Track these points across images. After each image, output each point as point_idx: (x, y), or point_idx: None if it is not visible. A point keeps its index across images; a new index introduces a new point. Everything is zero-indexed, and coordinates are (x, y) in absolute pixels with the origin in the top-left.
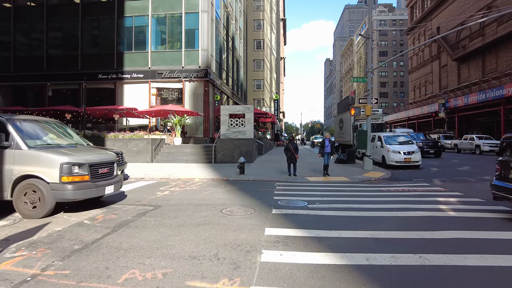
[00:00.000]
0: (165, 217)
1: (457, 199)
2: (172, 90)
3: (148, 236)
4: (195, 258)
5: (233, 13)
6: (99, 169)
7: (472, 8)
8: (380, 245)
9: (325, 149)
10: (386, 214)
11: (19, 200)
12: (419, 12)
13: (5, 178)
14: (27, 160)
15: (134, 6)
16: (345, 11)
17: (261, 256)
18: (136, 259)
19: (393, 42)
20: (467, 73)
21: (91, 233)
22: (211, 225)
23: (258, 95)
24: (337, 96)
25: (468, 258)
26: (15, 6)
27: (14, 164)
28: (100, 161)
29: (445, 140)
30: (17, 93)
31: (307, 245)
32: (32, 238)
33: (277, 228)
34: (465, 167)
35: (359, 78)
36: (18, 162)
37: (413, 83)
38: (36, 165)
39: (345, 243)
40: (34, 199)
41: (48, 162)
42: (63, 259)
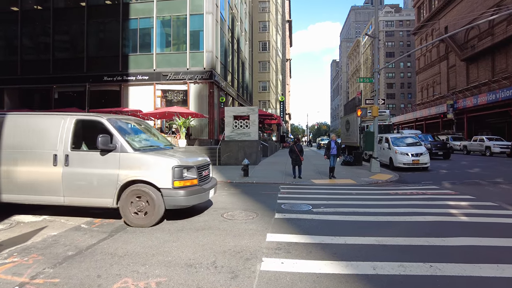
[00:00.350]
0: (164, 221)
1: (468, 203)
2: (177, 92)
3: (145, 241)
4: (191, 266)
5: (238, 15)
6: (202, 171)
7: (480, 8)
8: (388, 253)
9: (331, 151)
10: (394, 219)
11: (126, 207)
12: (426, 12)
13: (110, 184)
14: (134, 164)
15: (139, 8)
16: (351, 12)
17: (261, 264)
18: (130, 266)
19: (400, 43)
20: (476, 73)
21: (86, 238)
22: (211, 230)
23: (264, 97)
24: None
25: (484, 268)
26: (22, 10)
27: (120, 168)
28: (202, 163)
29: (454, 141)
30: (24, 96)
31: (310, 252)
32: (26, 243)
33: (279, 233)
34: (475, 169)
35: (365, 78)
36: (124, 166)
37: (420, 84)
38: (145, 169)
39: (350, 250)
40: (143, 207)
41: (158, 166)
42: (54, 266)
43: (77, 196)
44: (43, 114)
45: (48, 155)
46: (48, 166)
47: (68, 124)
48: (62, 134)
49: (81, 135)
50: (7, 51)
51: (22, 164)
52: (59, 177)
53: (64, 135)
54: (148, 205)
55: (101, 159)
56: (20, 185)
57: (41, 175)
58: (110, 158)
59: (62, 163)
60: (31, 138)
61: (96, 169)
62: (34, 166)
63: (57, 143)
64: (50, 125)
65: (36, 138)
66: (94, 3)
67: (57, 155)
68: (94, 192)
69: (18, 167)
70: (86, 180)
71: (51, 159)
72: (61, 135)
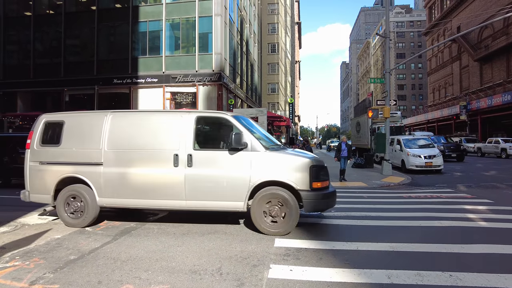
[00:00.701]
0: (169, 224)
1: (486, 207)
2: (186, 94)
3: (149, 246)
4: (196, 272)
5: (247, 17)
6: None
7: (494, 6)
8: (403, 260)
9: (341, 153)
10: (408, 224)
11: (258, 212)
12: (438, 13)
13: (240, 186)
14: (267, 164)
15: (149, 11)
16: (361, 14)
17: (268, 271)
18: (132, 272)
19: (411, 44)
20: (490, 73)
21: (90, 241)
22: (217, 234)
23: (273, 99)
24: (353, 99)
25: (510, 279)
26: (35, 15)
27: (251, 169)
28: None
29: (467, 143)
30: (37, 99)
31: (320, 259)
32: (29, 246)
33: (288, 238)
34: (491, 171)
35: (376, 79)
36: (256, 166)
37: (432, 85)
38: (279, 170)
39: (363, 257)
40: (277, 211)
41: (294, 166)
42: (55, 271)
43: (201, 199)
44: (159, 111)
45: (167, 155)
46: (168, 168)
47: (188, 122)
48: (182, 132)
49: (202, 133)
50: (20, 55)
51: (139, 166)
52: (181, 179)
53: (185, 133)
54: (281, 209)
55: (229, 159)
56: (136, 188)
57: (160, 177)
58: (240, 158)
59: (184, 164)
60: (148, 137)
61: (224, 170)
62: (152, 168)
63: (178, 142)
64: (168, 122)
65: (154, 137)
66: (105, 7)
67: (178, 155)
68: (221, 195)
69: (134, 169)
70: (212, 182)
71: (171, 159)
72: (182, 133)
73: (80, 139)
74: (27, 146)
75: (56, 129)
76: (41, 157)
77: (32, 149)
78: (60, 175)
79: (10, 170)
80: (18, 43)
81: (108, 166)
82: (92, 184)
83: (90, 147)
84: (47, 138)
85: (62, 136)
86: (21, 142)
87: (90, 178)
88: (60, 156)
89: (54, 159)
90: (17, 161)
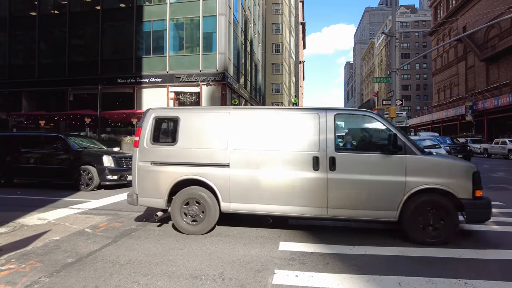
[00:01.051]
0: (171, 226)
1: (497, 210)
2: (190, 94)
3: (149, 248)
4: (196, 277)
5: (251, 17)
6: None
7: (501, 6)
8: (414, 265)
9: None
10: None
11: (414, 223)
12: (443, 12)
13: (393, 193)
14: (424, 169)
15: (153, 11)
16: (366, 14)
17: (273, 277)
18: (131, 276)
19: (416, 44)
20: (497, 73)
21: (89, 243)
22: (220, 236)
23: (277, 99)
24: (358, 100)
25: None
26: (40, 15)
27: (407, 174)
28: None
29: (473, 144)
30: (41, 98)
31: (327, 264)
32: (26, 248)
33: (293, 242)
34: (499, 173)
35: (382, 78)
36: (413, 171)
37: (437, 85)
38: (440, 176)
39: (372, 262)
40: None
41: (456, 172)
42: (51, 275)
43: (346, 208)
44: (291, 108)
45: (305, 158)
46: (306, 171)
47: (327, 120)
48: (321, 131)
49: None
50: (25, 55)
51: (270, 168)
52: (322, 184)
53: (324, 133)
54: (444, 221)
55: (380, 163)
56: (268, 193)
57: (296, 182)
58: (393, 162)
59: (326, 168)
60: (280, 137)
61: (374, 176)
62: (286, 171)
63: (316, 142)
64: (303, 121)
65: (287, 137)
66: (109, 7)
67: (318, 157)
68: (370, 203)
69: (265, 171)
70: (359, 189)
71: (309, 162)
72: (320, 133)
73: (200, 137)
74: (135, 144)
75: (170, 126)
76: (152, 157)
77: (141, 147)
78: (177, 177)
79: (12, 170)
80: (23, 43)
81: (236, 167)
82: (216, 187)
83: (213, 147)
84: (159, 136)
85: (178, 134)
86: (24, 141)
87: (213, 180)
88: (176, 156)
89: (169, 159)
90: (20, 161)
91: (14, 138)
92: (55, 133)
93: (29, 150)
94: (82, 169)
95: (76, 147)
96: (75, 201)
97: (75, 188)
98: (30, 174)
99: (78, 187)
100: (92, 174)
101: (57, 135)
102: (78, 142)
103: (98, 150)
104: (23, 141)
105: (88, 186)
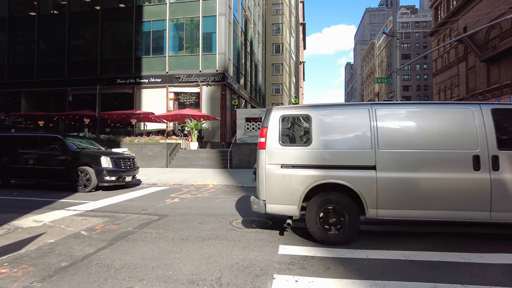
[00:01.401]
0: (168, 229)
1: None
2: (190, 94)
3: (146, 252)
4: (193, 282)
5: (252, 17)
6: None
7: (502, 6)
8: (417, 270)
9: None
10: (421, 229)
11: None
12: (444, 13)
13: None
14: None
15: (152, 11)
16: (366, 15)
17: (272, 282)
18: (126, 281)
19: (416, 45)
20: (498, 74)
21: (84, 246)
22: (218, 240)
23: (277, 100)
24: (358, 100)
25: None
26: (39, 15)
27: None
28: None
29: None
30: (40, 99)
31: (328, 268)
32: (20, 251)
33: (293, 245)
34: None
35: (383, 78)
36: None
37: (437, 86)
38: None
39: (374, 267)
40: None
41: None
42: (43, 280)
43: None
44: (440, 103)
45: (463, 157)
46: (464, 172)
47: (484, 115)
48: (479, 128)
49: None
50: (24, 55)
51: (423, 170)
52: (485, 186)
53: (482, 129)
54: None
55: None
56: (422, 198)
57: (454, 183)
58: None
59: (488, 168)
60: (431, 134)
61: None
62: (441, 172)
63: (475, 140)
64: (455, 117)
65: (439, 134)
66: (109, 7)
67: (479, 156)
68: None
69: (417, 173)
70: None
71: (468, 162)
72: (478, 129)
73: (338, 137)
74: (260, 145)
75: (300, 125)
76: (283, 159)
77: (269, 149)
78: (313, 181)
79: (9, 170)
80: (22, 43)
81: (384, 170)
82: (360, 192)
83: (355, 148)
84: (289, 136)
85: (312, 134)
86: (21, 142)
87: (357, 184)
88: (311, 158)
89: (303, 162)
90: (17, 161)
91: (11, 138)
92: (52, 134)
93: (27, 150)
94: (79, 170)
95: (74, 148)
96: (72, 202)
97: (72, 189)
98: (28, 175)
99: (75, 188)
100: (90, 175)
101: (54, 135)
102: (76, 143)
103: (96, 150)
104: (21, 142)
105: (86, 187)
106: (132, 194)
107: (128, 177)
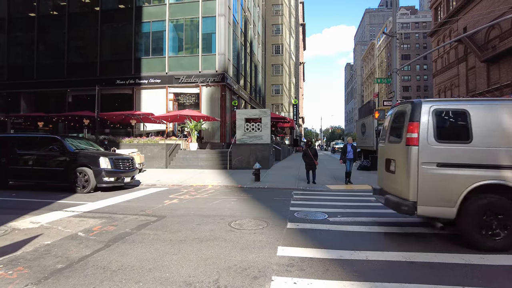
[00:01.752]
0: (166, 231)
1: None
2: (189, 95)
3: (143, 253)
4: (190, 284)
5: (251, 18)
6: None
7: (502, 6)
8: (417, 272)
9: (347, 155)
10: (420, 230)
11: None
12: (444, 13)
13: None
14: None
15: (152, 11)
16: (366, 15)
17: (270, 284)
18: (122, 283)
19: (416, 45)
20: (498, 74)
21: (81, 248)
22: (216, 241)
23: (277, 100)
24: (358, 101)
25: None
26: (39, 15)
27: None
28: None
29: None
30: (40, 100)
31: (327, 270)
32: (16, 253)
33: (291, 247)
34: None
35: (383, 79)
36: None
37: (437, 86)
38: None
39: (373, 268)
40: None
41: None
42: (38, 282)
43: None
44: None
45: None
46: None
47: None
48: None
49: None
50: (24, 56)
51: None
52: None
53: None
54: None
55: None
56: None
57: None
58: None
59: None
60: None
61: None
62: None
63: None
64: None
65: None
66: (108, 8)
67: None
68: None
69: None
70: None
71: None
72: None
73: (503, 134)
74: (410, 141)
75: (457, 120)
76: (439, 157)
77: (423, 146)
78: (474, 182)
79: (8, 172)
80: (22, 44)
81: None
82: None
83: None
84: (445, 133)
85: (472, 130)
86: (20, 143)
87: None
88: (472, 156)
89: (463, 161)
90: (15, 162)
91: (9, 139)
92: (51, 134)
93: (25, 151)
94: (78, 171)
95: (72, 149)
96: (70, 203)
97: (71, 190)
98: (26, 176)
99: (74, 189)
100: (89, 176)
101: (53, 136)
102: (75, 144)
103: (95, 151)
104: (19, 143)
105: (85, 188)
106: (131, 195)
107: (127, 178)
